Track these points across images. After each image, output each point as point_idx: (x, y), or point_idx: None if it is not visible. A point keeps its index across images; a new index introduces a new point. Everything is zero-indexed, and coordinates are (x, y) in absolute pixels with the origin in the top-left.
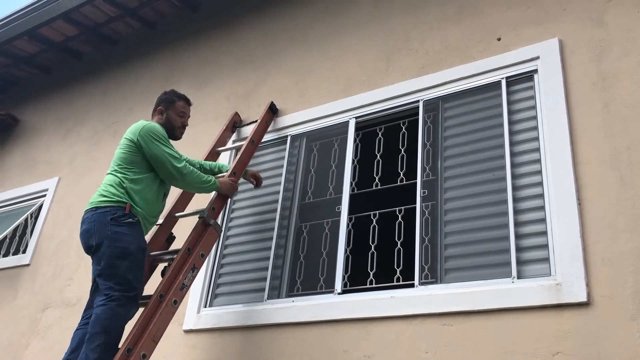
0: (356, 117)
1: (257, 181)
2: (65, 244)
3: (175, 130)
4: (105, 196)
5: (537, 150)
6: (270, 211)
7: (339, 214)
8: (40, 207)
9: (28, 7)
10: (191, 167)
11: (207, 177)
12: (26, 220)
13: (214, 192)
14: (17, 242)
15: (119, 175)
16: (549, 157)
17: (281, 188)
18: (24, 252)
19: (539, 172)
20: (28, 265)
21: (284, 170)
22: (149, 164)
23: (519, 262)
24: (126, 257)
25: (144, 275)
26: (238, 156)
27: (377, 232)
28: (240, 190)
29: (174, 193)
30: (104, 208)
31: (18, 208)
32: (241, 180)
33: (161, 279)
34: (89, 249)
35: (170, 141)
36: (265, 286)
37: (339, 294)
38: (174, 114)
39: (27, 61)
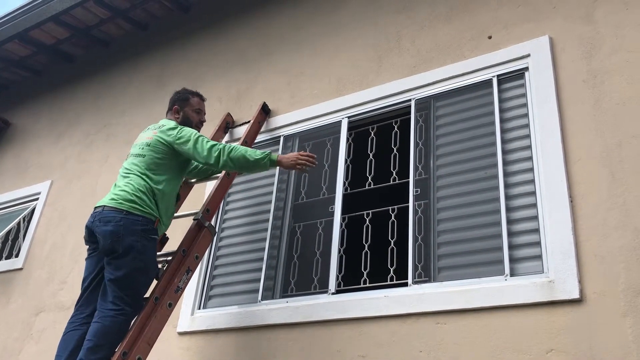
0: (348, 117)
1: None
2: (58, 248)
3: (193, 127)
4: (137, 203)
5: (529, 147)
6: (263, 212)
7: (332, 213)
8: (33, 210)
9: (18, 10)
10: (228, 144)
11: (255, 150)
12: (19, 224)
13: (209, 193)
14: (9, 246)
15: (149, 182)
16: (541, 154)
17: (274, 188)
18: (16, 256)
19: (531, 170)
20: (21, 269)
21: (276, 171)
22: (176, 171)
23: (512, 260)
24: (146, 272)
25: None
26: None
27: (371, 231)
28: (233, 191)
29: None
30: (136, 216)
31: (10, 212)
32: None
33: (155, 281)
34: (110, 251)
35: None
36: (259, 287)
37: (333, 293)
38: (190, 110)
39: (18, 64)
